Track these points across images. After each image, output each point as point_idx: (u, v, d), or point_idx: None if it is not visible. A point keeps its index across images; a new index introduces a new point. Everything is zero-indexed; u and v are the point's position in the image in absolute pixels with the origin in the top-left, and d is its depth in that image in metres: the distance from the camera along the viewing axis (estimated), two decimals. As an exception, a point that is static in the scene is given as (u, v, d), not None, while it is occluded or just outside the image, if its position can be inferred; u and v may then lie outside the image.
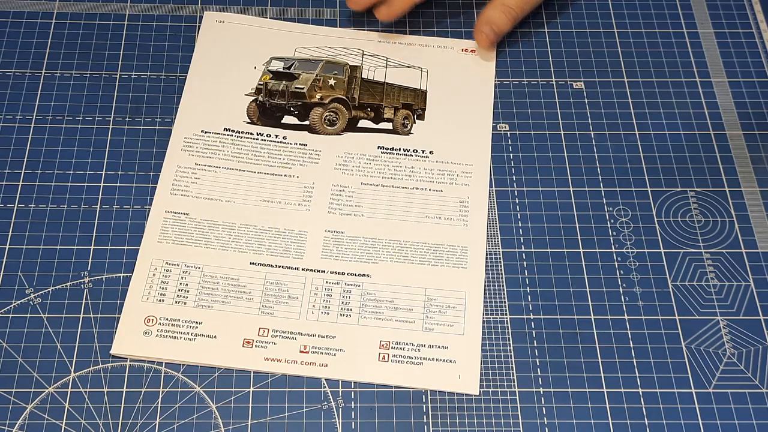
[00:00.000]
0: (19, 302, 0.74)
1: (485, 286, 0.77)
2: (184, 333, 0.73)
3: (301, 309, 0.75)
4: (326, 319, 0.74)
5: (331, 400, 0.71)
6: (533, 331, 0.75)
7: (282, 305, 0.75)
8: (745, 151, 0.85)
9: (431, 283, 0.76)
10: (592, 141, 0.85)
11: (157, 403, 0.70)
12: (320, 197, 0.81)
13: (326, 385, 0.72)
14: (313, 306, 0.75)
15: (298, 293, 0.75)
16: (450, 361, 0.73)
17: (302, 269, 0.77)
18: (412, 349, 0.73)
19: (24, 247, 0.77)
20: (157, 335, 0.72)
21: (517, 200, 0.81)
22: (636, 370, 0.73)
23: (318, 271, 0.77)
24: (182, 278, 0.75)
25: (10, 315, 0.74)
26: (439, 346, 0.74)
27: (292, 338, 0.73)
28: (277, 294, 0.75)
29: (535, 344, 0.74)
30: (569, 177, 0.83)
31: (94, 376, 0.71)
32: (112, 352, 0.71)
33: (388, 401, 0.71)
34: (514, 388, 0.72)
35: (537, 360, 0.73)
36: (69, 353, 0.72)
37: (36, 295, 0.75)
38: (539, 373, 0.73)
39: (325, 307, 0.75)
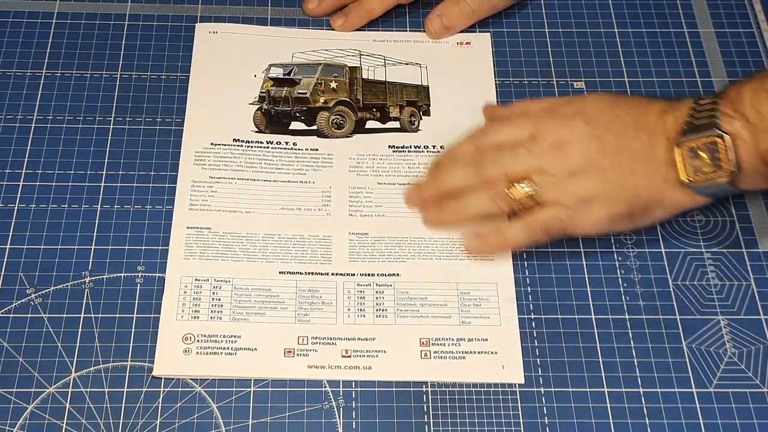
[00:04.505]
0: (20, 302, 0.74)
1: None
2: (224, 348, 0.73)
3: (336, 314, 0.75)
4: (363, 321, 0.74)
5: (332, 399, 0.71)
6: (534, 331, 0.75)
7: (317, 312, 0.75)
8: (745, 151, 0.85)
9: (461, 277, 0.77)
10: (592, 140, 0.85)
11: (158, 403, 0.70)
12: (339, 201, 0.81)
13: (327, 384, 0.72)
14: (349, 309, 0.75)
15: (332, 298, 0.75)
16: (492, 352, 0.73)
17: (332, 274, 0.77)
18: (452, 344, 0.74)
19: (25, 246, 0.77)
20: (197, 352, 0.72)
21: (517, 200, 0.81)
22: (637, 369, 0.73)
23: (348, 274, 0.77)
24: (214, 293, 0.75)
25: (11, 315, 0.74)
26: (478, 339, 0.74)
27: (333, 344, 0.73)
28: (310, 301, 0.75)
29: (536, 343, 0.74)
30: (570, 176, 0.83)
31: (95, 375, 0.71)
32: (154, 374, 0.71)
33: (389, 400, 0.71)
34: (515, 387, 0.72)
35: (538, 359, 0.73)
36: (70, 353, 0.72)
37: (37, 294, 0.75)
38: (540, 373, 0.73)
39: (361, 309, 0.75)
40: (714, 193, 0.73)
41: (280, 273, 0.77)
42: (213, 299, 0.75)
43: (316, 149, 0.84)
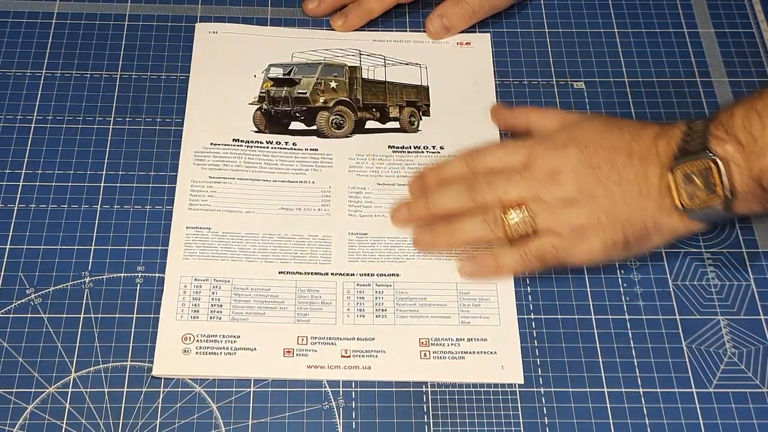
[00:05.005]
0: (19, 302, 0.74)
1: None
2: (224, 348, 0.73)
3: (336, 314, 0.75)
4: (363, 321, 0.74)
5: (332, 399, 0.71)
6: (534, 331, 0.75)
7: (317, 311, 0.75)
8: (745, 151, 0.85)
9: (461, 277, 0.77)
10: (592, 141, 0.85)
11: (158, 403, 0.70)
12: (338, 201, 0.81)
13: (327, 384, 0.72)
14: (348, 309, 0.75)
15: (331, 298, 0.75)
16: (491, 352, 0.73)
17: (331, 274, 0.77)
18: (452, 344, 0.74)
19: (25, 247, 0.77)
20: (196, 352, 0.72)
21: (517, 200, 0.81)
22: (637, 369, 0.73)
23: (347, 274, 0.77)
24: (213, 293, 0.75)
25: (11, 315, 0.74)
26: (478, 339, 0.74)
27: (332, 344, 0.73)
28: (310, 301, 0.75)
29: (536, 344, 0.74)
30: (570, 177, 0.83)
31: (95, 375, 0.71)
32: (154, 373, 0.71)
33: (389, 401, 0.71)
34: (515, 387, 0.72)
35: (538, 359, 0.73)
36: (69, 353, 0.72)
37: (37, 295, 0.75)
38: (540, 373, 0.73)
39: (360, 309, 0.75)
40: (710, 218, 0.72)
41: (279, 273, 0.77)
42: (212, 299, 0.75)
43: (316, 149, 0.84)
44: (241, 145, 0.83)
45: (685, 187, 0.71)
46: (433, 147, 0.85)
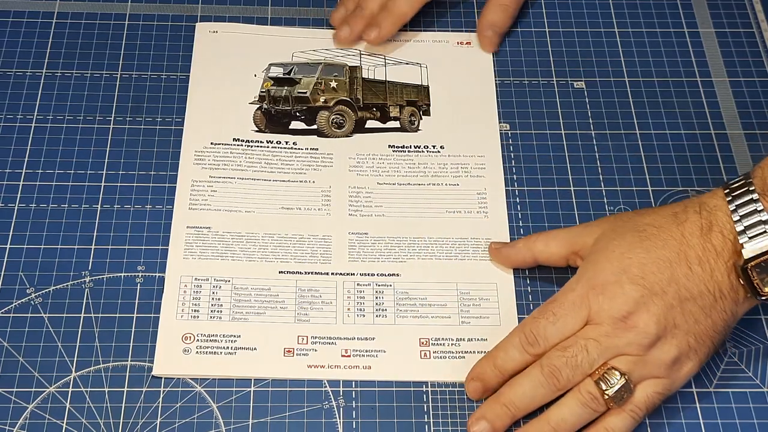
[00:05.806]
0: (20, 302, 0.74)
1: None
2: (224, 348, 0.73)
3: (336, 313, 0.75)
4: (363, 321, 0.74)
5: (332, 399, 0.71)
6: (534, 331, 0.75)
7: (317, 311, 0.75)
8: (746, 150, 0.85)
9: (461, 277, 0.77)
10: (593, 140, 0.85)
11: (158, 403, 0.70)
12: (339, 200, 0.81)
13: (327, 384, 0.72)
14: (348, 309, 0.75)
15: (331, 298, 0.75)
16: None
17: (332, 273, 0.77)
18: (452, 344, 0.74)
19: (25, 246, 0.77)
20: (197, 352, 0.72)
21: (518, 199, 0.81)
22: (637, 369, 0.73)
23: (347, 274, 0.77)
24: (213, 293, 0.75)
25: (11, 314, 0.73)
26: (478, 339, 0.74)
27: (333, 343, 0.73)
28: (310, 301, 0.75)
29: (536, 343, 0.74)
30: (570, 176, 0.83)
31: (95, 375, 0.71)
32: (154, 373, 0.71)
33: (389, 400, 0.71)
34: (515, 387, 0.72)
35: (538, 359, 0.73)
36: (70, 353, 0.72)
37: (37, 294, 0.75)
38: (540, 373, 0.73)
39: (360, 309, 0.75)
40: None
41: (279, 273, 0.77)
42: (213, 299, 0.75)
43: (316, 149, 0.84)
44: (242, 145, 0.83)
45: (761, 276, 0.67)
46: (434, 146, 0.85)
